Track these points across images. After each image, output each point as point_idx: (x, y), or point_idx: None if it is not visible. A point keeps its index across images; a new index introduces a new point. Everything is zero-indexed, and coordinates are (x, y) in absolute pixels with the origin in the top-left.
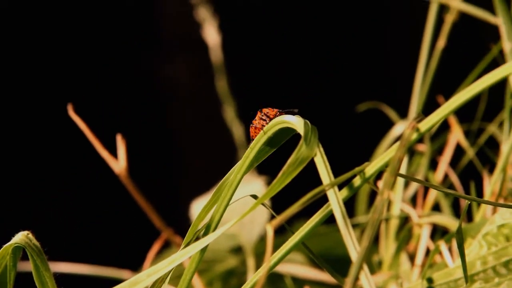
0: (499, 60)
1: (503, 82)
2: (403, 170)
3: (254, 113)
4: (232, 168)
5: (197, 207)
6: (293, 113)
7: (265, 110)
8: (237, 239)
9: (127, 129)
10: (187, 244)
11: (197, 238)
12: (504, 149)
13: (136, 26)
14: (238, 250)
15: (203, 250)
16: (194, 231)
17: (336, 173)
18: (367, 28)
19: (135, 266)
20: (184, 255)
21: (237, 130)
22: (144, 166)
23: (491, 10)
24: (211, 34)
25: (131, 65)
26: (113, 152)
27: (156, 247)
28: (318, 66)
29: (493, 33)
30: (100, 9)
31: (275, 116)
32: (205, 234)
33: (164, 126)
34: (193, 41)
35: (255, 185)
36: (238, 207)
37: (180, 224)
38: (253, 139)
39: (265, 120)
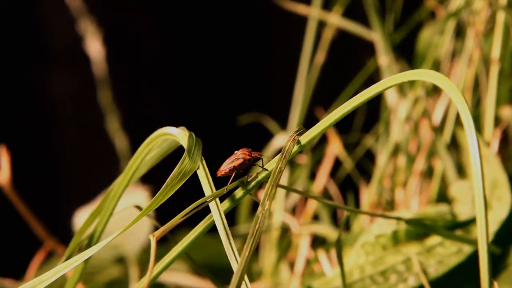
0: (374, 75)
1: (379, 96)
2: (284, 181)
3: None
4: (116, 180)
5: (80, 217)
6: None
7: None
8: (120, 249)
9: (10, 141)
10: (70, 255)
11: (81, 248)
12: (381, 161)
13: (19, 38)
14: (121, 259)
15: (87, 260)
16: (77, 241)
17: (218, 185)
18: (248, 43)
19: (19, 275)
20: (68, 266)
21: (120, 141)
22: (27, 178)
23: (369, 26)
24: (94, 46)
25: (14, 77)
26: None
27: (39, 256)
28: (200, 79)
29: (370, 48)
30: None
31: (249, 160)
32: (89, 244)
33: (47, 137)
34: (76, 53)
35: (138, 195)
36: (121, 216)
37: (63, 234)
38: (234, 168)
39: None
